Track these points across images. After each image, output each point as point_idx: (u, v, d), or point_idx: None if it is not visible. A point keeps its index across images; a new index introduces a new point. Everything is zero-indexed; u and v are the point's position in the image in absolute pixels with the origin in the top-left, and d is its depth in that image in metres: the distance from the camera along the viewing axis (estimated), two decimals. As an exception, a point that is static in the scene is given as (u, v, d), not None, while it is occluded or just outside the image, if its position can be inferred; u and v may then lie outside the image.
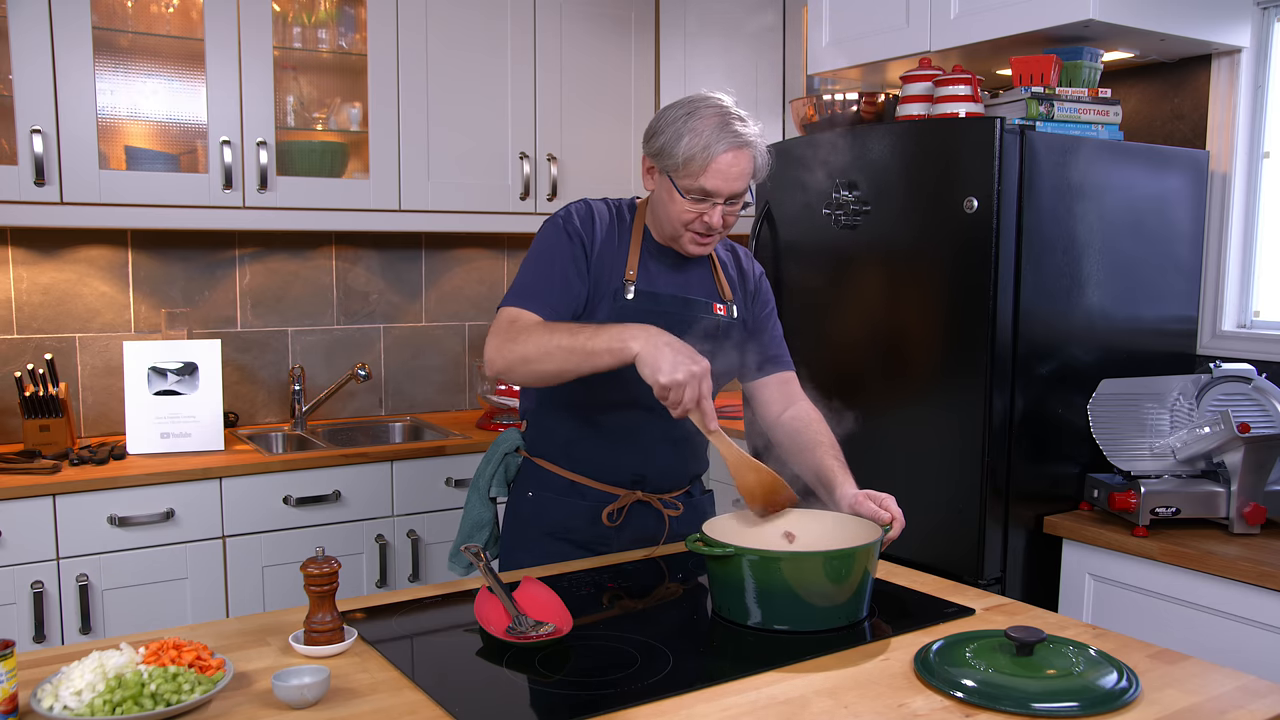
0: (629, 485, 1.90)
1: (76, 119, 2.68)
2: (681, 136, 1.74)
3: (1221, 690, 1.31)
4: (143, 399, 2.78)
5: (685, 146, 1.73)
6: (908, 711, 1.24)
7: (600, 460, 1.90)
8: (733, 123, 1.74)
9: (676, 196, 1.77)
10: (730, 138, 1.73)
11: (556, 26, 3.37)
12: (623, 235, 1.88)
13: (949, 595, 1.68)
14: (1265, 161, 2.61)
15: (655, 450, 1.90)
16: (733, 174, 1.74)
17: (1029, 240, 2.24)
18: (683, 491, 1.98)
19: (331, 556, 1.45)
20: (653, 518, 1.93)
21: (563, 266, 1.80)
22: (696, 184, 1.74)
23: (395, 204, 3.12)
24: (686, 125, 1.74)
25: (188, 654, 1.27)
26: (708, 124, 1.73)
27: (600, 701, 1.26)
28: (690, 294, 1.89)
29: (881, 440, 2.43)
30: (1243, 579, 1.97)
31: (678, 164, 1.75)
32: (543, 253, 1.82)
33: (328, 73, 3.23)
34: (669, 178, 1.78)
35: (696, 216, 1.78)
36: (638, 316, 1.81)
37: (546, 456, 1.94)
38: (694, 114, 1.75)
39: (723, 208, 1.77)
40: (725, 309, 1.91)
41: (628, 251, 1.86)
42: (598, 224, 1.85)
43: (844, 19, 2.86)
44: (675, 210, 1.79)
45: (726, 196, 1.76)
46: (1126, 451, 2.27)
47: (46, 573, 2.48)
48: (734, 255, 2.01)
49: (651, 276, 1.87)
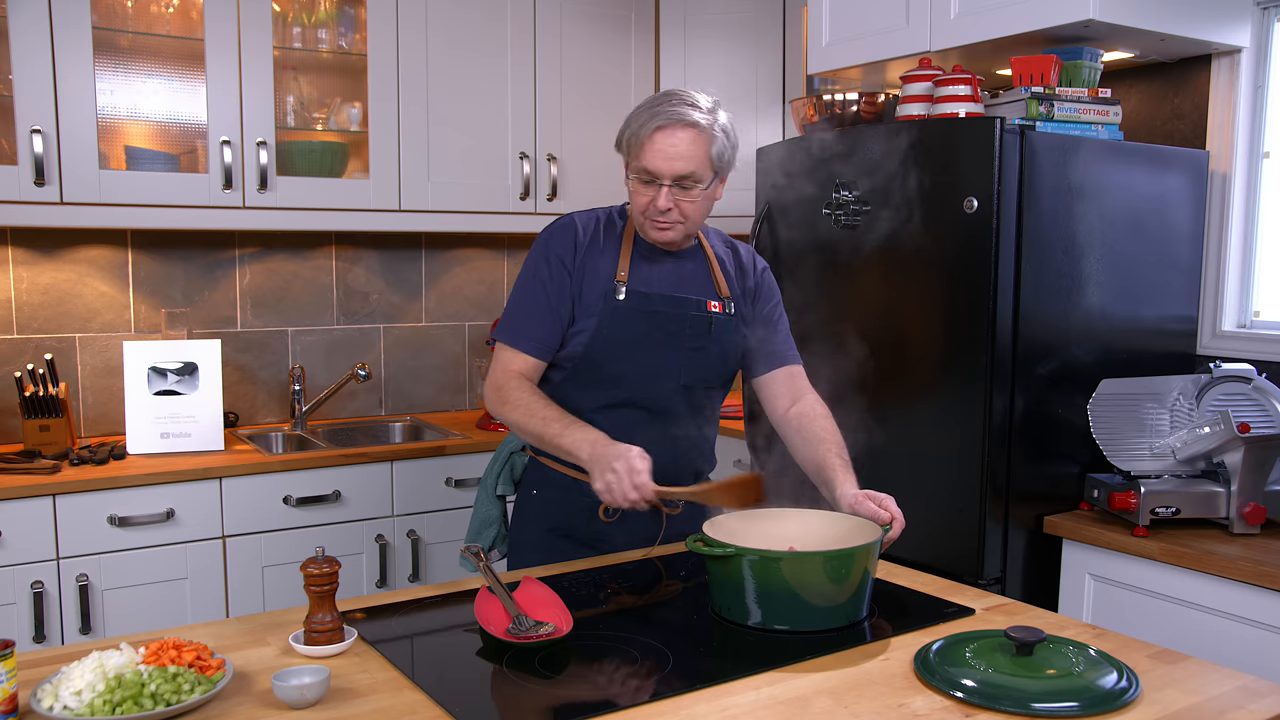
0: None
1: (76, 119, 2.68)
2: (627, 124, 1.81)
3: (1221, 690, 1.31)
4: (143, 399, 2.78)
5: (628, 130, 1.80)
6: (908, 711, 1.24)
7: None
8: (673, 103, 1.77)
9: (629, 181, 1.83)
10: (665, 115, 1.75)
11: (556, 26, 3.37)
12: (612, 240, 1.91)
13: (949, 595, 1.68)
14: (1265, 161, 2.60)
15: (652, 450, 1.88)
16: (671, 152, 1.75)
17: (1029, 240, 2.24)
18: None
19: (331, 556, 1.45)
20: (652, 515, 1.93)
21: (544, 295, 1.86)
22: (639, 164, 1.79)
23: (395, 204, 3.12)
24: (633, 113, 1.81)
25: (188, 654, 1.27)
26: (647, 106, 1.79)
27: (600, 701, 1.26)
28: (683, 292, 1.90)
29: (881, 440, 2.43)
30: (1243, 579, 1.97)
31: (625, 149, 1.82)
32: (527, 281, 1.90)
33: (328, 73, 3.23)
34: (624, 163, 1.85)
35: (649, 200, 1.80)
36: (630, 316, 1.84)
37: (549, 455, 1.94)
38: (646, 101, 1.81)
39: (672, 190, 1.78)
40: (721, 305, 1.92)
41: (618, 254, 1.89)
42: (579, 236, 1.89)
43: (844, 19, 2.86)
44: (633, 197, 1.84)
45: (670, 177, 1.77)
46: (1126, 451, 2.27)
47: (46, 573, 2.48)
48: (733, 252, 2.02)
49: (644, 276, 1.89)
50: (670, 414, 1.91)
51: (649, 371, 1.87)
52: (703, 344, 1.90)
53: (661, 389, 1.89)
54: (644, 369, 1.87)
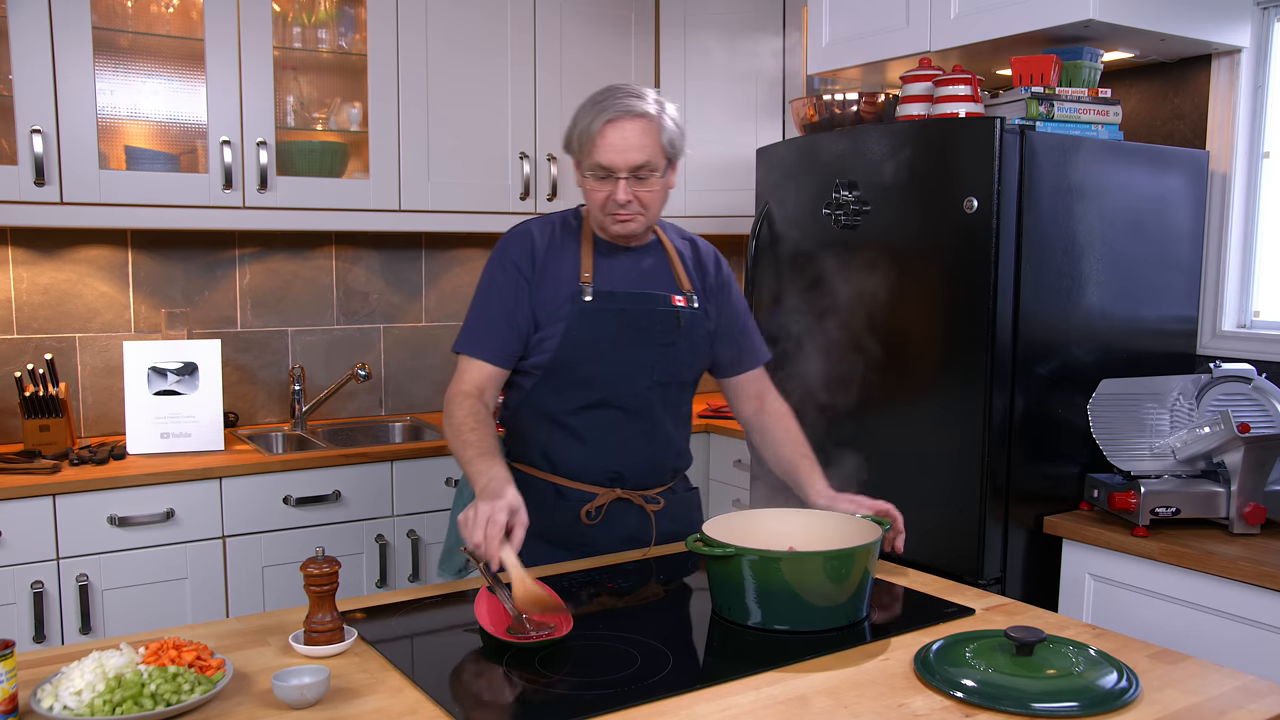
0: (607, 484, 1.91)
1: (76, 119, 2.68)
2: (575, 123, 1.82)
3: (1221, 690, 1.31)
4: (143, 399, 2.78)
5: (577, 129, 1.81)
6: (908, 711, 1.24)
7: (577, 461, 1.91)
8: (618, 97, 1.79)
9: (583, 179, 1.84)
10: (613, 109, 1.77)
11: (556, 27, 3.37)
12: (570, 242, 1.91)
13: (949, 595, 1.68)
14: (1265, 161, 2.61)
15: (630, 448, 1.92)
16: (623, 145, 1.77)
17: (1029, 240, 2.24)
18: (665, 488, 1.99)
19: (331, 556, 1.45)
20: (634, 515, 1.94)
21: (502, 303, 1.87)
22: (593, 160, 1.79)
23: (395, 204, 3.12)
24: (579, 112, 1.82)
25: (188, 654, 1.27)
26: (592, 103, 1.80)
27: (600, 701, 1.26)
28: (648, 288, 1.90)
29: (882, 440, 2.43)
30: (1243, 579, 1.97)
31: (575, 149, 1.82)
32: (484, 290, 1.90)
33: (328, 73, 3.23)
34: (576, 164, 1.85)
35: (607, 195, 1.81)
36: (599, 316, 1.85)
37: (525, 460, 1.95)
38: (589, 100, 1.82)
39: (629, 183, 1.79)
40: (685, 299, 1.93)
41: (579, 256, 1.89)
42: (536, 243, 1.89)
43: (844, 19, 2.86)
44: (589, 196, 1.84)
45: (626, 169, 1.78)
46: (1126, 451, 2.27)
47: (46, 573, 2.48)
48: (693, 247, 2.02)
49: (607, 276, 1.89)
50: (647, 412, 1.91)
51: (622, 370, 1.87)
52: (673, 339, 1.91)
53: (636, 387, 1.89)
54: (617, 368, 1.87)
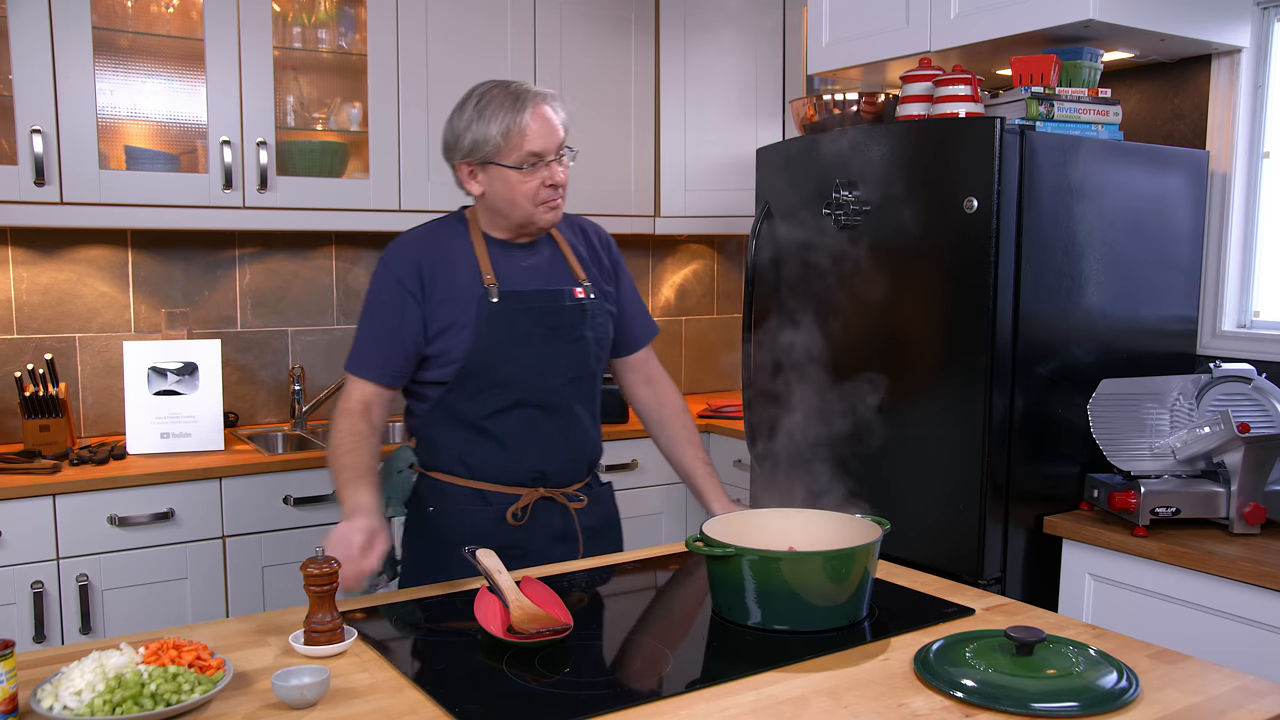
0: (530, 484, 1.90)
1: (76, 119, 2.68)
2: (489, 122, 1.80)
3: (1221, 690, 1.31)
4: (143, 399, 2.78)
5: (496, 127, 1.79)
6: (908, 711, 1.24)
7: (497, 464, 1.89)
8: (522, 87, 1.83)
9: (511, 176, 1.81)
10: (529, 97, 1.81)
11: (556, 27, 3.37)
12: (460, 245, 1.89)
13: (949, 595, 1.68)
14: (1265, 161, 2.60)
15: (550, 446, 1.91)
16: (549, 128, 1.82)
17: (1029, 240, 2.24)
18: (584, 484, 1.98)
19: (331, 556, 1.45)
20: (559, 513, 1.93)
21: (389, 320, 1.84)
22: (524, 152, 1.79)
23: (395, 204, 3.12)
24: (486, 111, 1.80)
25: (188, 654, 1.27)
26: (502, 98, 1.80)
27: (600, 701, 1.26)
28: (550, 284, 1.91)
29: (882, 440, 2.43)
30: (1243, 579, 1.97)
31: (499, 146, 1.80)
32: (370, 308, 1.87)
33: (328, 73, 3.23)
34: (495, 165, 1.82)
35: (540, 182, 1.81)
36: (508, 317, 1.84)
37: (442, 469, 1.92)
38: (482, 100, 1.82)
39: (556, 164, 1.83)
40: (584, 290, 1.93)
41: (475, 259, 1.87)
42: (418, 255, 1.87)
43: (844, 19, 2.86)
44: (520, 190, 1.82)
45: (557, 149, 1.83)
46: (1126, 451, 2.27)
47: (46, 573, 2.48)
48: (581, 233, 2.03)
49: (508, 275, 1.88)
50: (564, 409, 1.91)
51: (538, 369, 1.87)
52: (581, 333, 1.91)
53: (552, 384, 1.89)
54: (531, 368, 1.86)
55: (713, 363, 4.19)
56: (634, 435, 3.23)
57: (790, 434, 2.62)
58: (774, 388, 2.72)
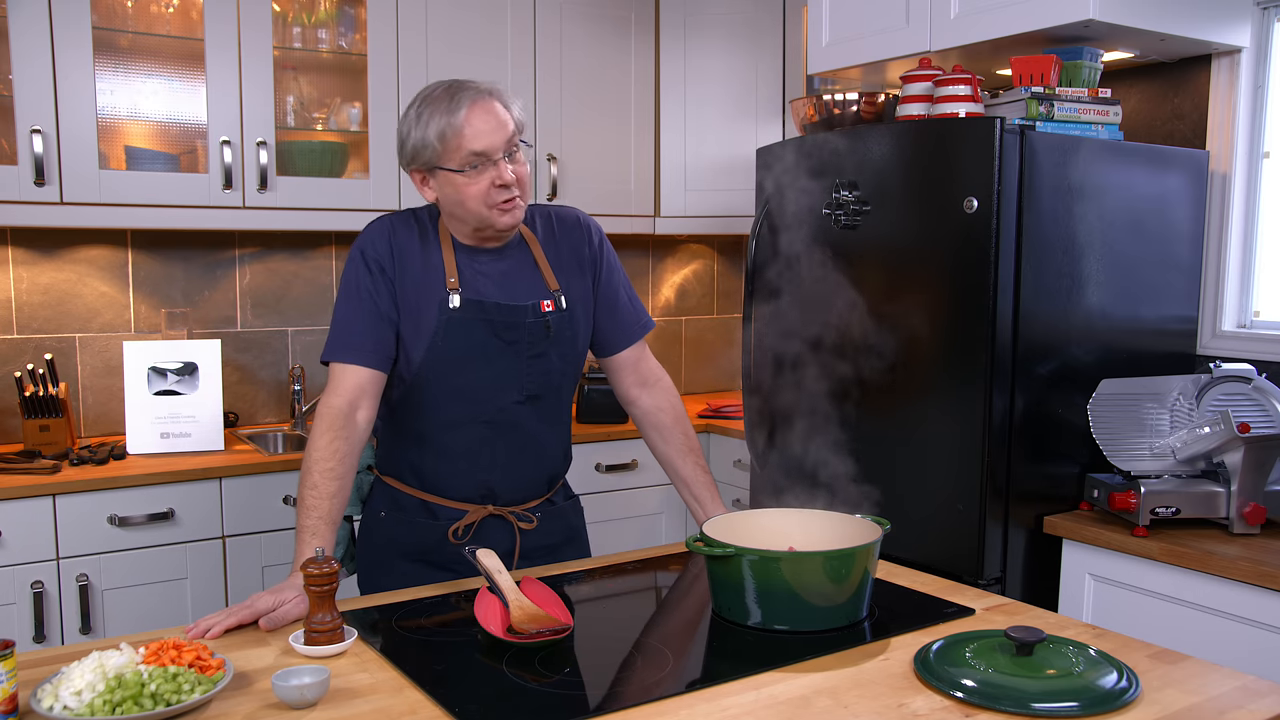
0: (479, 500, 1.83)
1: (76, 119, 2.68)
2: (426, 126, 1.71)
3: (1221, 690, 1.31)
4: (143, 399, 2.78)
5: (433, 130, 1.70)
6: (908, 711, 1.24)
7: (446, 478, 1.82)
8: (461, 86, 1.73)
9: (457, 179, 1.71)
10: (463, 96, 1.70)
11: (556, 27, 3.37)
12: (430, 245, 1.81)
13: (949, 595, 1.68)
14: (1265, 161, 2.60)
15: (501, 464, 1.83)
16: (493, 124, 1.70)
17: (1029, 240, 2.24)
18: (543, 499, 1.91)
19: (331, 556, 1.45)
20: (507, 532, 1.86)
21: (367, 305, 1.75)
22: (466, 151, 1.69)
23: (395, 204, 3.12)
24: (424, 115, 1.72)
25: (188, 654, 1.27)
26: (439, 100, 1.71)
27: (600, 701, 1.26)
28: (515, 297, 1.80)
29: (882, 440, 2.43)
30: (1243, 579, 1.97)
31: (438, 150, 1.71)
32: (350, 292, 1.77)
33: (328, 73, 3.23)
34: (440, 170, 1.73)
35: (489, 183, 1.71)
36: (466, 326, 1.76)
37: (396, 475, 1.86)
38: (423, 103, 1.73)
39: (505, 162, 1.71)
40: (553, 302, 1.83)
41: (442, 260, 1.79)
42: (394, 242, 1.79)
43: (844, 19, 2.86)
44: (469, 193, 1.72)
45: (503, 148, 1.71)
46: (1126, 451, 2.27)
47: (46, 573, 2.48)
48: (559, 226, 1.91)
49: (472, 283, 1.79)
50: (517, 427, 1.82)
51: (490, 385, 1.79)
52: (542, 349, 1.81)
53: (503, 403, 1.80)
54: (484, 382, 1.78)
55: (713, 363, 4.19)
56: (634, 435, 3.23)
57: (790, 434, 2.63)
58: (774, 388, 2.73)
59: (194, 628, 1.47)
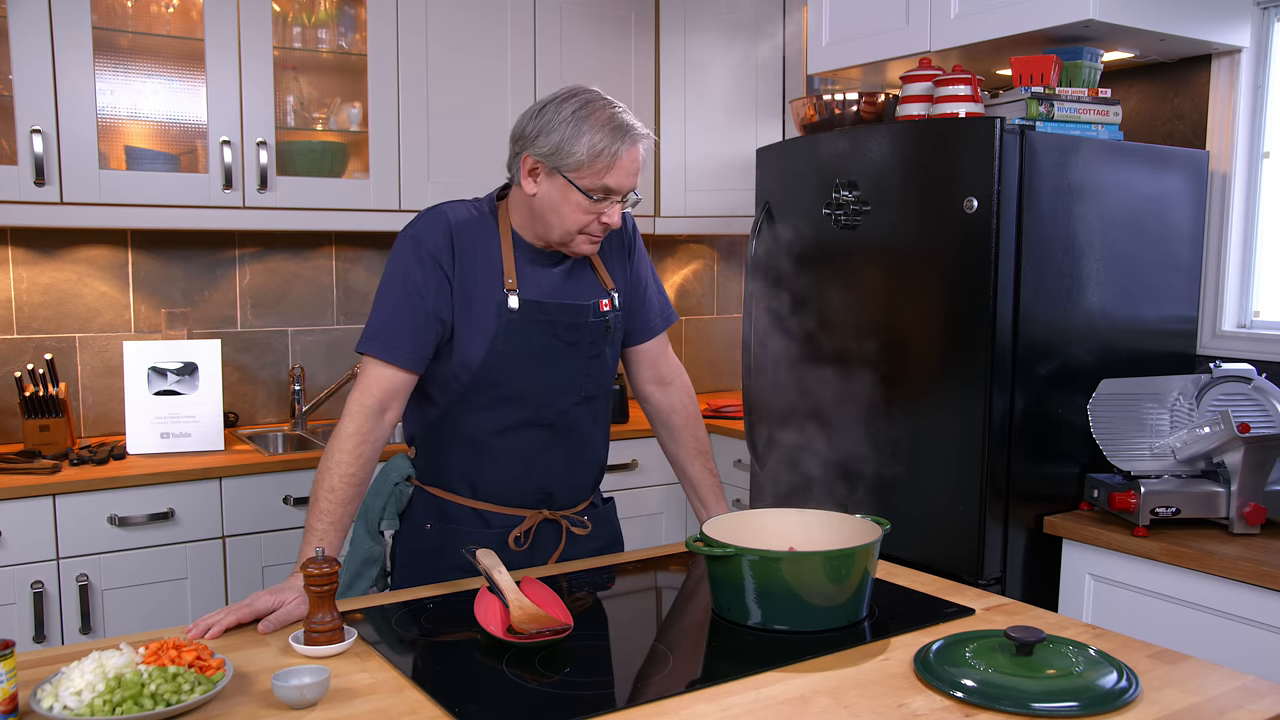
0: (534, 505, 1.81)
1: (76, 119, 2.68)
2: (581, 134, 1.63)
3: (1221, 690, 1.31)
4: (143, 399, 2.78)
5: (588, 145, 1.63)
6: (908, 711, 1.24)
7: (505, 485, 1.79)
8: (627, 116, 1.67)
9: (574, 196, 1.66)
10: (633, 133, 1.66)
11: (556, 27, 3.37)
12: (489, 240, 1.73)
13: (949, 595, 1.68)
14: (1265, 161, 2.60)
15: (558, 467, 1.81)
16: (634, 169, 1.67)
17: (1029, 240, 2.24)
18: (587, 504, 1.91)
19: (331, 556, 1.45)
20: (555, 536, 1.84)
21: (420, 299, 1.67)
22: (600, 183, 1.65)
23: (395, 204, 3.12)
24: (585, 123, 1.63)
25: (188, 654, 1.27)
26: (605, 119, 1.64)
27: (600, 701, 1.26)
28: (576, 298, 1.77)
29: (882, 440, 2.43)
30: (1243, 579, 1.97)
31: (580, 163, 1.64)
32: (396, 285, 1.69)
33: (328, 73, 3.23)
34: (564, 178, 1.66)
35: (594, 218, 1.68)
36: (525, 327, 1.71)
37: (444, 486, 1.81)
38: (581, 108, 1.65)
39: (620, 205, 1.69)
40: (610, 301, 1.81)
41: (500, 257, 1.73)
42: (453, 234, 1.71)
43: (844, 19, 2.86)
44: (569, 211, 1.67)
45: (630, 190, 1.69)
46: (1126, 451, 2.27)
47: (46, 573, 2.48)
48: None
49: (531, 282, 1.74)
50: (574, 429, 1.80)
51: (550, 387, 1.76)
52: (600, 349, 1.79)
53: (564, 404, 1.78)
54: (545, 385, 1.75)
55: (713, 363, 4.19)
56: (634, 435, 3.23)
57: (790, 434, 2.63)
58: (774, 387, 2.73)
59: (194, 628, 1.47)
